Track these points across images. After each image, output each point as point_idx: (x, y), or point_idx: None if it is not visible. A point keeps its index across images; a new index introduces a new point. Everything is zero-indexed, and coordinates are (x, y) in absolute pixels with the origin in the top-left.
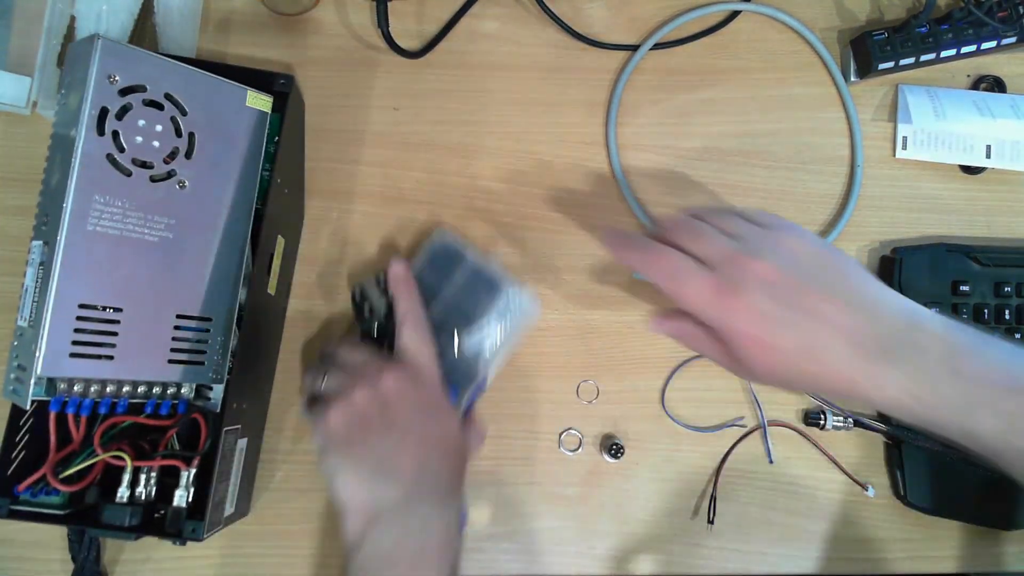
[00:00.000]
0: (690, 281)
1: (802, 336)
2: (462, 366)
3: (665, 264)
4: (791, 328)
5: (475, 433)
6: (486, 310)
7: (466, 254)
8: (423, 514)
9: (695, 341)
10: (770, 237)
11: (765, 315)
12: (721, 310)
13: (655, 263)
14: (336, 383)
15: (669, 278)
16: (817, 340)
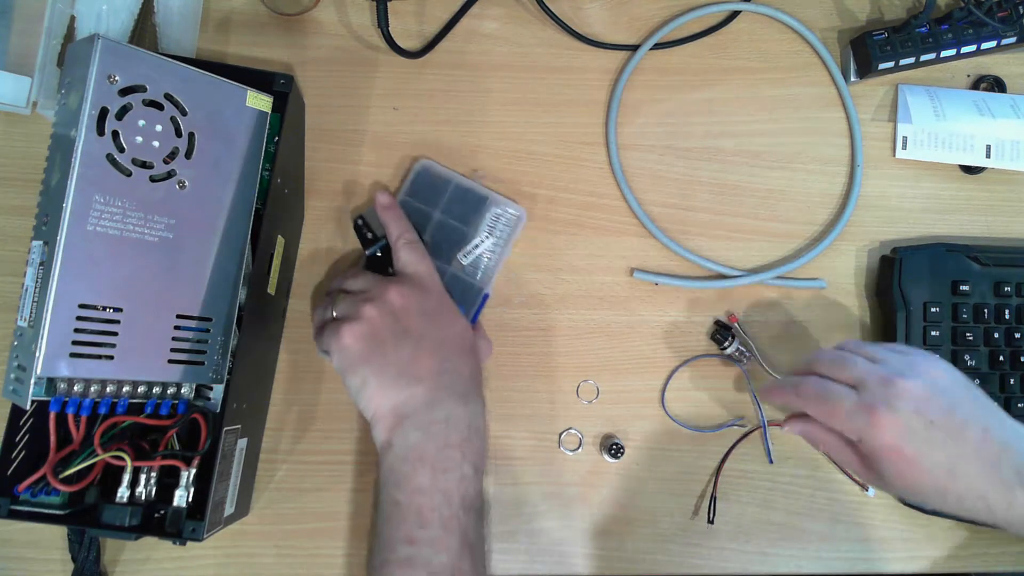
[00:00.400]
0: (840, 401)
1: (946, 455)
2: (463, 283)
3: (813, 388)
4: (936, 447)
5: (484, 340)
6: (477, 226)
7: (450, 178)
8: (446, 410)
9: (833, 449)
10: (913, 362)
11: (913, 432)
12: (870, 426)
13: (804, 390)
14: (345, 307)
15: (819, 400)
16: (959, 460)
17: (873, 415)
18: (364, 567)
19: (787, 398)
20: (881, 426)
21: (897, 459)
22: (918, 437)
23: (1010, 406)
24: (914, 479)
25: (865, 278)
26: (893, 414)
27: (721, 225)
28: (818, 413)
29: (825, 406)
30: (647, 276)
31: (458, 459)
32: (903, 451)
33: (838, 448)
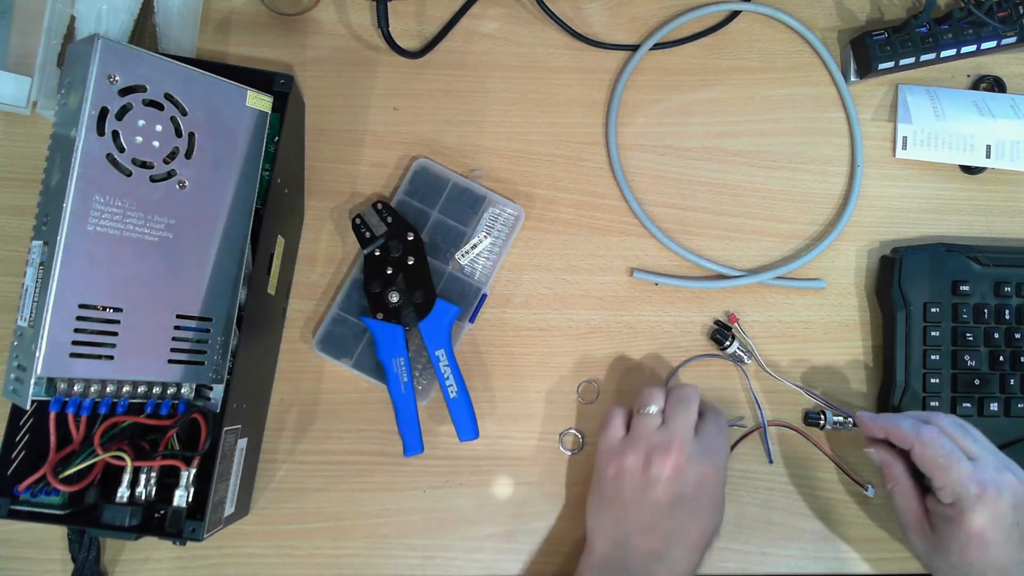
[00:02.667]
0: (960, 463)
1: (1011, 557)
2: (461, 282)
3: (939, 441)
4: (1011, 545)
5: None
6: (475, 226)
7: (447, 177)
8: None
9: (903, 491)
10: (1017, 465)
11: (1003, 521)
12: (974, 498)
13: (930, 437)
14: (649, 432)
15: (937, 450)
16: (1019, 566)
17: (983, 489)
18: (364, 567)
19: (902, 434)
20: (984, 501)
21: (975, 538)
22: (1003, 528)
23: (1010, 406)
24: (973, 560)
25: (865, 278)
26: (998, 497)
27: (721, 225)
28: (927, 459)
29: (941, 459)
30: (647, 276)
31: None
32: (985, 534)
33: (908, 493)
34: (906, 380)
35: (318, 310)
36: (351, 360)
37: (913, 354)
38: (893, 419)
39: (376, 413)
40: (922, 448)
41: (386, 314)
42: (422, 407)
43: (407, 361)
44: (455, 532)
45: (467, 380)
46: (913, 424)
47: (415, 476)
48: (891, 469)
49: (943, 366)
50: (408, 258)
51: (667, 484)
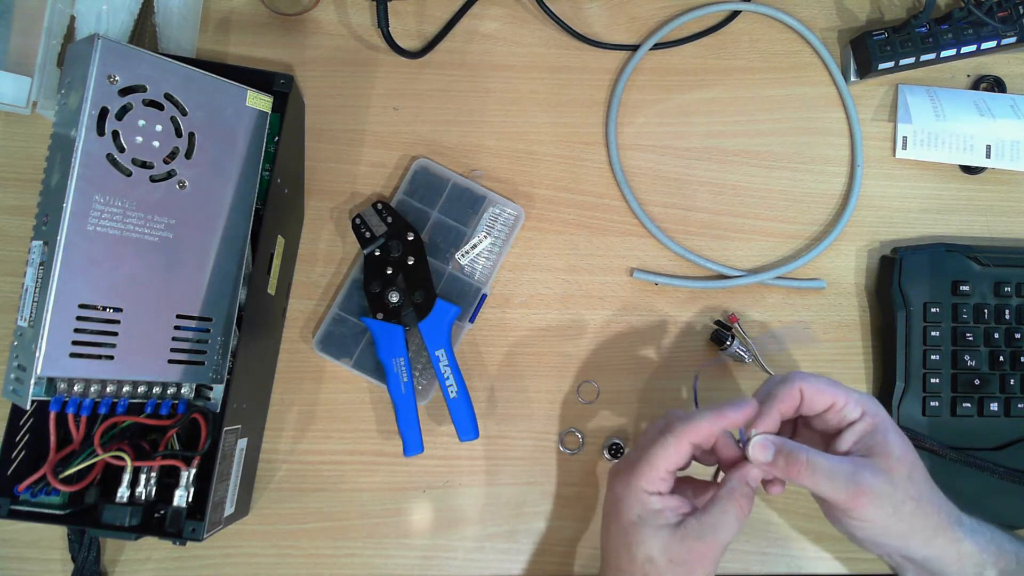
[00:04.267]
0: (837, 383)
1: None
2: (461, 282)
3: (814, 376)
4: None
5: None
6: (475, 226)
7: (447, 177)
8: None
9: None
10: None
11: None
12: (873, 402)
13: (808, 376)
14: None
15: (824, 382)
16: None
17: (865, 393)
18: (364, 567)
19: (784, 393)
20: (876, 402)
21: (897, 433)
22: (911, 446)
23: (1010, 406)
24: (913, 458)
25: (865, 278)
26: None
27: (721, 225)
28: (822, 391)
29: (826, 384)
30: (647, 276)
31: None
32: (894, 432)
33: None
34: (906, 380)
35: (318, 310)
36: (351, 360)
37: (913, 354)
38: (770, 399)
39: (376, 413)
40: (813, 383)
41: (386, 314)
42: (422, 407)
43: (407, 361)
44: (455, 532)
45: (467, 380)
46: (781, 382)
47: (415, 476)
48: (788, 445)
49: (943, 366)
50: (408, 258)
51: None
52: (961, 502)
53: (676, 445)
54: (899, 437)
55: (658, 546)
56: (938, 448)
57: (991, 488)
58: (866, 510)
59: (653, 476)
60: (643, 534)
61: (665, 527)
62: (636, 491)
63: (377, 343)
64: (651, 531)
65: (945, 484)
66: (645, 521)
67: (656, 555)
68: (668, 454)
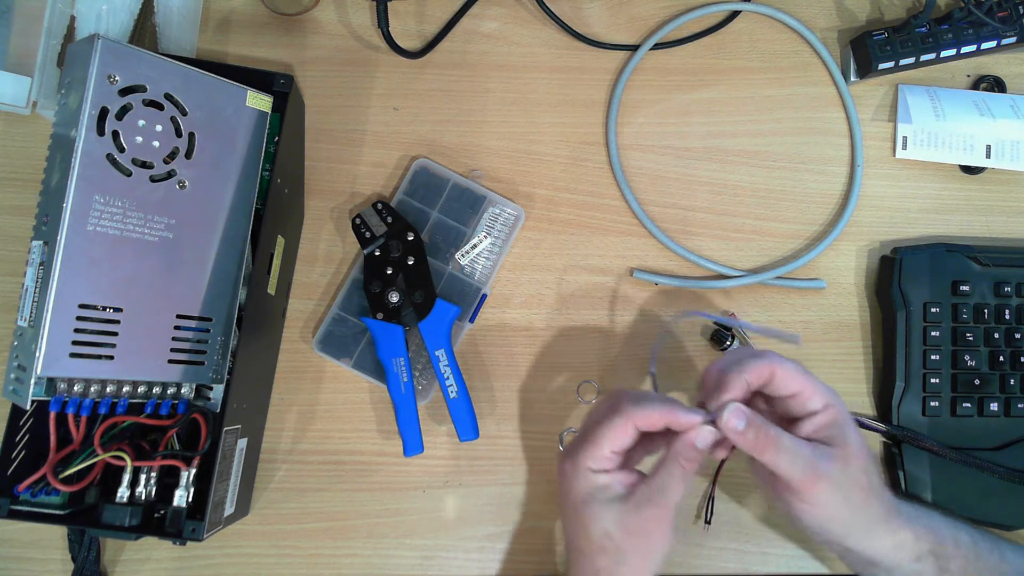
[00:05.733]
0: (809, 373)
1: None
2: (461, 282)
3: (791, 362)
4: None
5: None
6: (475, 226)
7: (447, 177)
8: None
9: (782, 438)
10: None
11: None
12: (836, 398)
13: (785, 360)
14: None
15: (799, 369)
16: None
17: (833, 392)
18: (364, 567)
19: (759, 366)
20: (839, 401)
21: (855, 432)
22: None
23: (1010, 406)
24: (867, 453)
25: (865, 278)
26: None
27: (721, 225)
28: (794, 375)
29: (801, 371)
30: (647, 276)
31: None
32: (861, 438)
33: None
34: (906, 380)
35: (318, 310)
36: (351, 360)
37: (913, 354)
38: (737, 370)
39: (376, 413)
40: (787, 367)
41: (386, 314)
42: (422, 407)
43: (407, 361)
44: (455, 532)
45: (467, 380)
46: (755, 356)
47: (415, 476)
48: (759, 418)
49: (943, 366)
50: (408, 258)
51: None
52: (961, 502)
53: (622, 427)
54: (856, 432)
55: (611, 519)
56: (938, 448)
57: (991, 488)
58: (819, 494)
59: (598, 455)
60: (594, 510)
61: (615, 499)
62: (582, 470)
63: (377, 343)
64: (601, 506)
65: (945, 484)
66: (594, 497)
67: (611, 528)
68: (614, 435)
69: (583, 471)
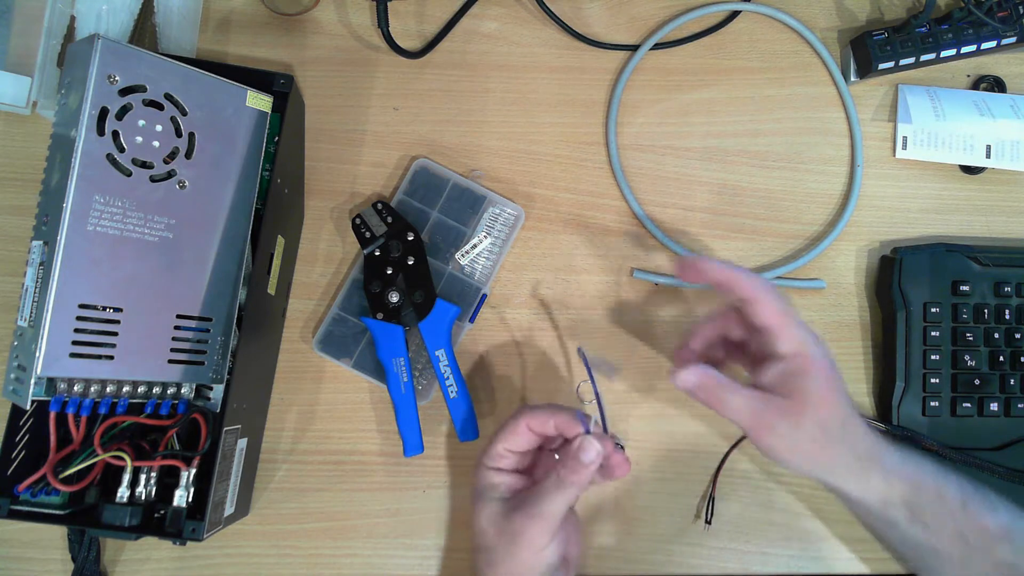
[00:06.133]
0: (793, 312)
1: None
2: (461, 282)
3: (780, 295)
4: (842, 390)
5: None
6: (475, 226)
7: (447, 177)
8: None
9: (732, 385)
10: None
11: (831, 360)
12: (814, 340)
13: (774, 289)
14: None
15: (786, 305)
16: (853, 415)
17: (812, 331)
18: (364, 567)
19: (746, 282)
20: (818, 340)
21: (827, 376)
22: (833, 366)
23: (1010, 406)
24: (830, 407)
25: (865, 278)
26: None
27: (721, 225)
28: (777, 308)
29: (785, 306)
30: (647, 276)
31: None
32: (832, 371)
33: (737, 386)
34: (906, 380)
35: (318, 310)
36: (351, 360)
37: (913, 354)
38: (731, 268)
39: (376, 413)
40: (770, 296)
41: (386, 314)
42: (422, 407)
43: (407, 361)
44: (455, 532)
45: (467, 380)
46: (750, 274)
47: (415, 476)
48: (708, 380)
49: (943, 366)
50: (408, 258)
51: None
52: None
53: (514, 427)
54: (823, 384)
55: (488, 518)
56: (938, 448)
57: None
58: (766, 443)
59: (493, 452)
60: (479, 506)
61: (496, 500)
62: (480, 465)
63: (377, 343)
64: (484, 503)
65: None
66: (481, 494)
67: (486, 527)
68: (506, 434)
69: (480, 466)
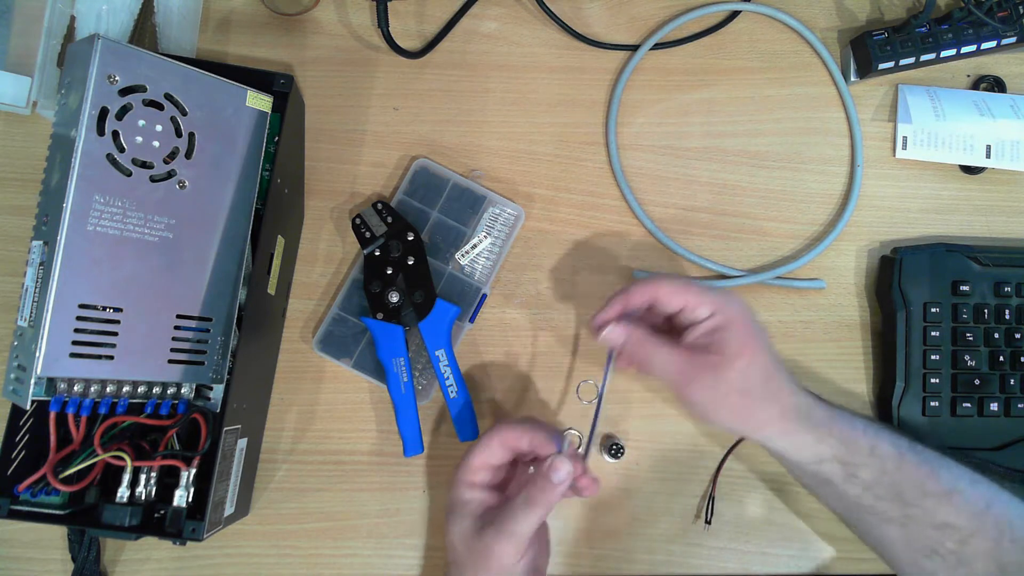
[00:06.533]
0: (697, 283)
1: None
2: (461, 282)
3: (674, 278)
4: (764, 345)
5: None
6: (475, 226)
7: (447, 177)
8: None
9: (659, 344)
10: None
11: (751, 313)
12: (726, 298)
13: (667, 277)
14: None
15: (681, 282)
16: (779, 365)
17: (726, 292)
18: (364, 567)
19: (640, 291)
20: (732, 298)
21: (746, 326)
22: (754, 318)
23: (1010, 406)
24: (751, 357)
25: (865, 278)
26: (734, 295)
27: (721, 225)
28: (676, 290)
29: (682, 284)
30: (647, 276)
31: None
32: (750, 319)
33: (663, 345)
34: (906, 380)
35: (318, 310)
36: (351, 360)
37: (913, 354)
38: (621, 293)
39: (376, 413)
40: (668, 285)
41: (386, 314)
42: (422, 407)
43: (407, 361)
44: None
45: (467, 380)
46: (632, 287)
47: (415, 476)
48: (636, 335)
49: (943, 366)
50: (408, 258)
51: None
52: None
53: (488, 442)
54: (742, 335)
55: (459, 534)
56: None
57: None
58: (690, 396)
59: (467, 467)
60: (451, 521)
61: (468, 517)
62: (455, 480)
63: (377, 343)
64: (457, 519)
65: None
66: (454, 509)
67: (457, 543)
68: (481, 449)
69: (455, 481)
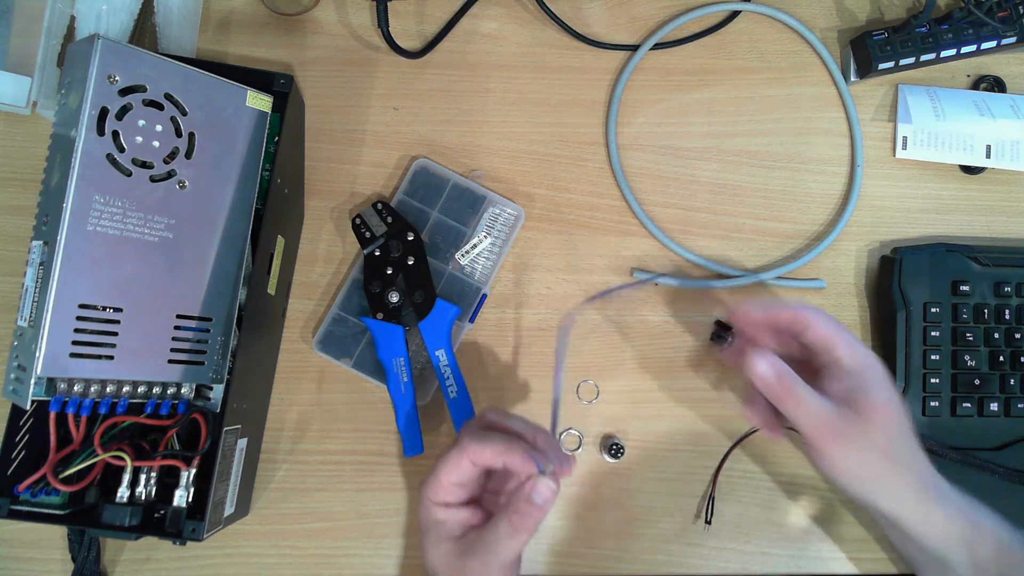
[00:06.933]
0: (847, 331)
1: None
2: (461, 282)
3: (826, 315)
4: (909, 431)
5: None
6: (475, 226)
7: (448, 177)
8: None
9: (806, 392)
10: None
11: (898, 403)
12: (872, 356)
13: (820, 312)
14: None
15: (835, 323)
16: (916, 451)
17: (868, 349)
18: (364, 567)
19: (791, 314)
20: (876, 357)
21: (888, 389)
22: (900, 407)
23: (1010, 406)
24: (898, 420)
25: (865, 278)
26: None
27: (721, 225)
28: (827, 329)
29: (835, 325)
30: (647, 276)
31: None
32: (891, 387)
33: (811, 394)
34: (906, 380)
35: (318, 310)
36: (351, 360)
37: (913, 354)
38: (771, 303)
39: (376, 413)
40: (822, 317)
41: (386, 314)
42: (422, 407)
43: (407, 361)
44: None
45: (467, 380)
46: (790, 304)
47: (415, 476)
48: (786, 373)
49: (943, 366)
50: (408, 258)
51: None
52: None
53: (457, 461)
54: (887, 395)
55: (438, 558)
56: (938, 448)
57: (991, 488)
58: (835, 453)
59: (436, 487)
60: (427, 543)
61: (446, 539)
62: (424, 500)
63: (377, 343)
64: (434, 542)
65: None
66: (429, 531)
67: (437, 566)
68: (449, 468)
69: (424, 500)
